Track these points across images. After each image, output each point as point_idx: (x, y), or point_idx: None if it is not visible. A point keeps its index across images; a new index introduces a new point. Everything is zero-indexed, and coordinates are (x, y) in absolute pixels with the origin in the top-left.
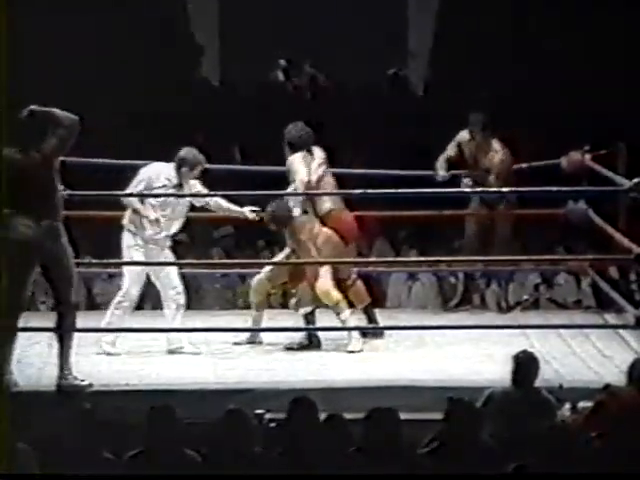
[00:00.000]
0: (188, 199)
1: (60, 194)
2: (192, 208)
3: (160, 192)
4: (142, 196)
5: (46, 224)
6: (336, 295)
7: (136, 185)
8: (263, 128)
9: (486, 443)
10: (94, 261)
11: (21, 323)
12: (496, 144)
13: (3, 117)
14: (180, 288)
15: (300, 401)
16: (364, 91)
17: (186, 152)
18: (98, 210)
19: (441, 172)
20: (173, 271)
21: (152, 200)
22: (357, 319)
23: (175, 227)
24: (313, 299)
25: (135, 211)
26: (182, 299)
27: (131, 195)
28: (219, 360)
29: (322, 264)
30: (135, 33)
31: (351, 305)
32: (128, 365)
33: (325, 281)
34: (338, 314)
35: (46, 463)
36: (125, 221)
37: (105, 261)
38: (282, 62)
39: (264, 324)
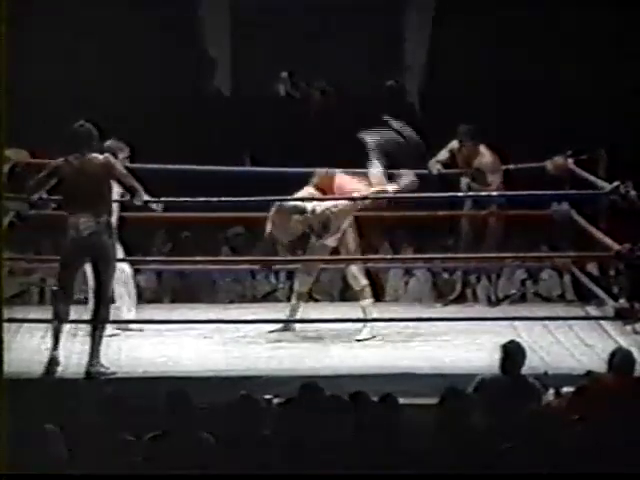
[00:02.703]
0: None
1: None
2: None
3: None
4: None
5: (102, 220)
6: (363, 280)
7: None
8: (273, 137)
9: (477, 425)
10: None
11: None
12: (484, 149)
13: (3, 116)
14: None
15: (308, 386)
16: (363, 102)
17: (110, 142)
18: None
19: (436, 167)
20: None
21: None
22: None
23: None
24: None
25: None
26: None
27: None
28: (230, 349)
29: (326, 260)
30: (153, 46)
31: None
32: (146, 353)
33: (356, 265)
34: (360, 299)
35: (72, 444)
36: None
37: (132, 258)
38: (283, 74)
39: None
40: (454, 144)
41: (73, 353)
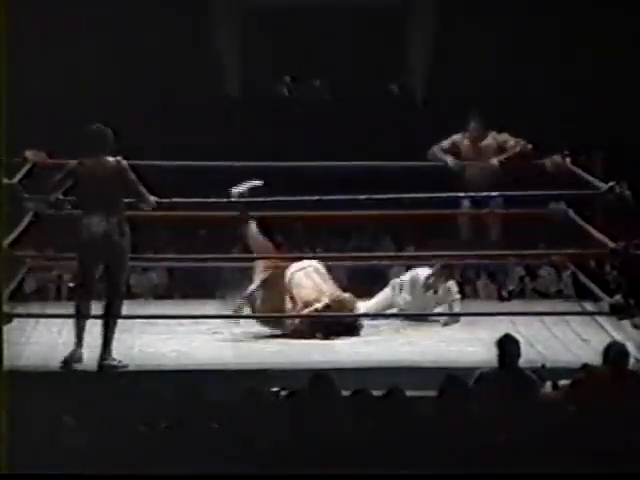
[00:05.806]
0: None
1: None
2: None
3: None
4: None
5: (113, 221)
6: None
7: None
8: (281, 140)
9: (477, 416)
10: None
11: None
12: (492, 132)
13: (2, 115)
14: None
15: (319, 377)
16: (368, 104)
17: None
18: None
19: (449, 159)
20: None
21: None
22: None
23: None
24: None
25: None
26: None
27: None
28: (239, 344)
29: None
30: (163, 50)
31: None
32: (159, 348)
33: None
34: None
35: (87, 434)
36: None
37: (141, 256)
38: (287, 78)
39: None
40: (458, 137)
41: (85, 348)
